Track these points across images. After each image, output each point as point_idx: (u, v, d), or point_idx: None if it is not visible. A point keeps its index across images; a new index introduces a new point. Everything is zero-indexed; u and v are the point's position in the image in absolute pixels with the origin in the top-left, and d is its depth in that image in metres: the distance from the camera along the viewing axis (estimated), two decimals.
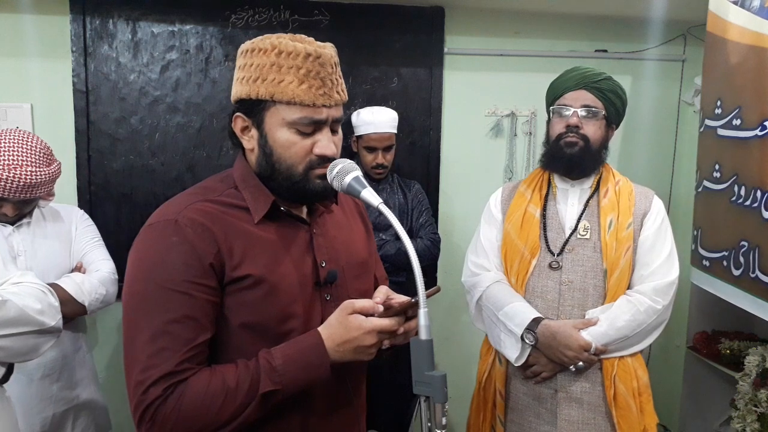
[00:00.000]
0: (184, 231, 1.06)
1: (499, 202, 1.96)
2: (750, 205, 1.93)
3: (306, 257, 1.16)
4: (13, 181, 1.70)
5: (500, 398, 1.85)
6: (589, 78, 1.80)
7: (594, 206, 1.83)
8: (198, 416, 1.01)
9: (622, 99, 1.83)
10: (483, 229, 1.96)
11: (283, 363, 1.04)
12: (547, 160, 1.87)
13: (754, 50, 1.94)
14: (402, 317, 1.09)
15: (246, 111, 1.12)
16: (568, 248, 1.80)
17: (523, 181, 1.97)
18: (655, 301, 1.74)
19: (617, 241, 1.76)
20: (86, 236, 1.99)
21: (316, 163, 1.11)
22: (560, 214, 1.85)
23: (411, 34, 2.83)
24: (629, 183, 1.88)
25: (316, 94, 1.08)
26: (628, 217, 1.79)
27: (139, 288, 1.06)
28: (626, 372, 1.75)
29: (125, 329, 1.06)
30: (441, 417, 0.97)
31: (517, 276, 1.84)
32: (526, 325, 1.75)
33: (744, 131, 1.97)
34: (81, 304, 1.85)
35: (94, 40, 2.60)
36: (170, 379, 1.00)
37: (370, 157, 2.49)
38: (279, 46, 1.07)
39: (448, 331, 3.09)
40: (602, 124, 1.81)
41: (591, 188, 1.86)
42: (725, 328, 2.62)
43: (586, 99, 1.79)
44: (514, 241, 1.86)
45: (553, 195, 1.89)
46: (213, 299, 1.06)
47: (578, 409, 1.76)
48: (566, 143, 1.79)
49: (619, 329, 1.71)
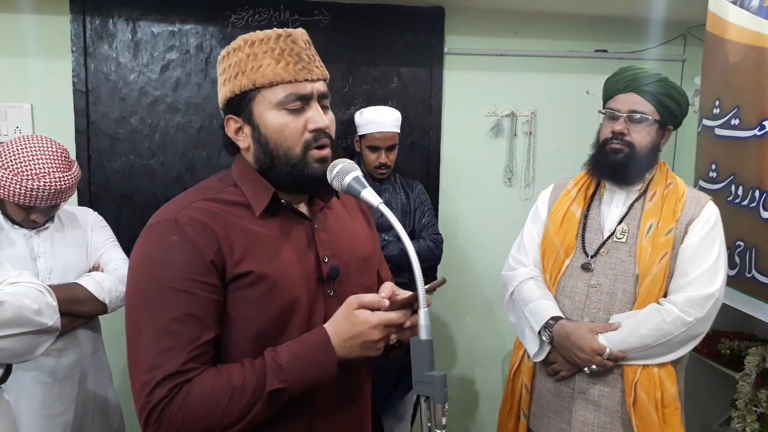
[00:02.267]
0: (185, 229, 1.06)
1: (547, 200, 1.94)
2: (748, 204, 1.93)
3: (308, 253, 1.16)
4: (45, 190, 1.70)
5: (525, 392, 1.86)
6: (639, 80, 1.73)
7: (638, 210, 1.77)
8: (205, 416, 1.00)
9: (678, 101, 1.75)
10: (527, 225, 1.96)
11: (290, 361, 1.04)
12: (593, 164, 1.83)
13: (753, 50, 1.94)
14: (408, 310, 1.08)
15: (235, 110, 1.13)
16: (603, 251, 1.77)
17: (573, 179, 1.92)
18: (687, 312, 1.64)
19: (653, 246, 1.69)
20: (102, 237, 1.99)
21: (312, 140, 1.11)
22: (602, 216, 1.82)
23: (411, 34, 2.83)
24: (682, 187, 1.78)
25: (296, 69, 1.09)
26: (670, 223, 1.70)
27: (141, 288, 1.06)
28: (650, 381, 1.67)
29: (128, 329, 1.06)
30: (441, 417, 0.97)
31: (551, 274, 1.83)
32: (544, 322, 1.75)
33: (742, 131, 1.97)
34: (102, 302, 1.84)
35: (94, 40, 2.60)
36: (175, 379, 1.00)
37: (373, 156, 2.49)
38: (250, 39, 1.10)
39: (449, 331, 3.09)
40: (652, 129, 1.74)
41: (639, 191, 1.80)
42: (725, 328, 2.61)
43: (635, 103, 1.72)
44: (552, 239, 1.84)
45: (599, 196, 1.85)
46: (215, 297, 1.06)
47: (594, 412, 1.72)
48: (611, 150, 1.75)
49: (640, 337, 1.65)
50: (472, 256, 3.04)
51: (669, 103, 1.74)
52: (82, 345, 1.89)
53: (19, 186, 1.68)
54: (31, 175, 1.68)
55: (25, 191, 1.68)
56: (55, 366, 1.81)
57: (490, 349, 3.13)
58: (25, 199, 1.70)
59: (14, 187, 1.68)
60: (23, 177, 1.68)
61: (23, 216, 1.78)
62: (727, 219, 2.00)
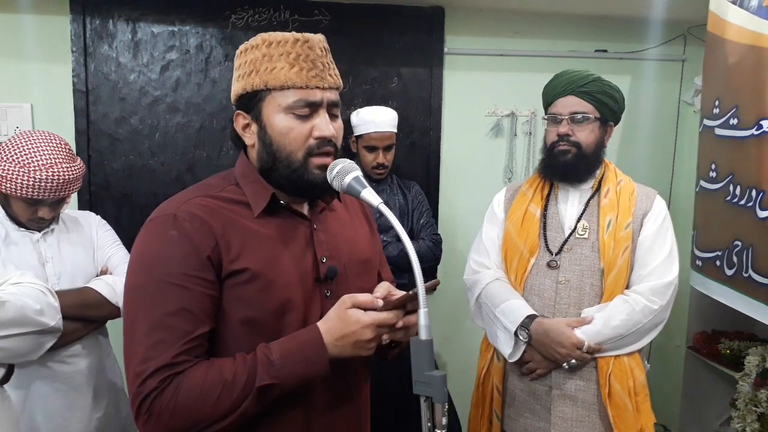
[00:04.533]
0: (183, 225, 1.07)
1: (502, 202, 1.99)
2: (745, 204, 1.93)
3: (306, 253, 1.17)
4: (53, 180, 1.68)
5: (497, 394, 1.88)
6: (575, 83, 1.81)
7: (594, 206, 1.84)
8: (194, 408, 1.01)
9: (614, 97, 1.83)
10: (485, 228, 1.99)
11: (281, 357, 1.04)
12: (544, 167, 1.90)
13: (752, 50, 1.94)
14: (401, 311, 1.09)
15: (245, 107, 1.14)
16: (567, 248, 1.82)
17: (527, 181, 1.98)
18: (652, 301, 1.74)
19: (615, 240, 1.77)
20: (107, 240, 1.98)
21: (315, 147, 1.11)
22: (560, 214, 1.87)
23: (411, 34, 2.83)
24: (631, 183, 1.88)
25: (308, 76, 1.10)
26: (628, 217, 1.79)
27: (138, 281, 1.07)
28: (622, 371, 1.75)
29: (125, 322, 1.07)
30: (441, 417, 0.97)
31: (516, 274, 1.87)
32: (520, 322, 1.77)
33: (740, 131, 1.98)
34: (115, 305, 1.81)
35: (94, 40, 2.60)
36: (167, 371, 1.01)
37: (371, 156, 2.49)
38: (268, 39, 1.11)
39: (449, 331, 3.09)
40: (595, 126, 1.82)
41: (592, 188, 1.88)
42: (725, 328, 2.61)
43: (574, 105, 1.81)
44: (514, 239, 1.88)
45: (554, 195, 1.91)
46: (211, 293, 1.07)
47: (572, 407, 1.77)
48: (559, 152, 1.83)
49: (614, 328, 1.72)
50: None
51: (606, 101, 1.82)
52: (96, 350, 1.87)
53: (27, 177, 1.65)
54: (39, 166, 1.66)
55: (34, 182, 1.66)
56: (70, 372, 1.79)
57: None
58: (33, 191, 1.67)
59: (22, 179, 1.65)
60: (30, 168, 1.66)
61: (30, 213, 1.75)
62: (725, 219, 2.01)
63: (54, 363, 1.73)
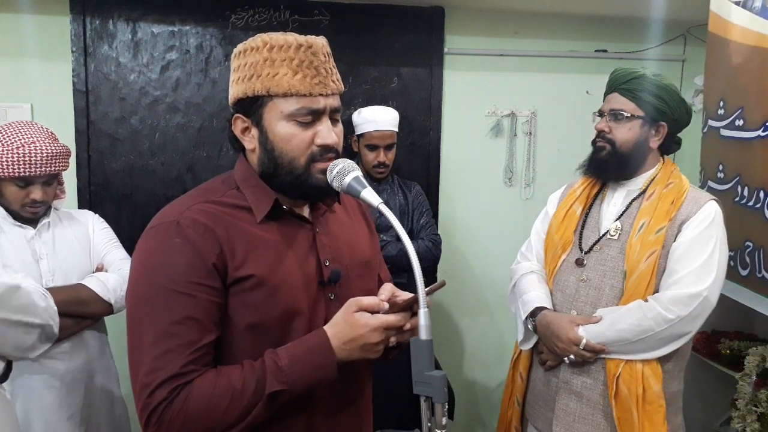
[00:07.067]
0: (187, 232, 1.06)
1: (557, 198, 2.03)
2: (753, 205, 1.92)
3: (309, 256, 1.16)
4: (38, 154, 1.72)
5: (520, 381, 1.94)
6: (618, 80, 1.80)
7: (635, 208, 1.81)
8: (204, 418, 1.00)
9: (661, 96, 1.75)
10: (537, 222, 2.05)
11: (290, 363, 1.04)
12: (586, 163, 1.92)
13: (756, 51, 1.94)
14: (408, 313, 1.09)
15: (244, 111, 1.12)
16: (597, 247, 1.82)
17: (581, 179, 1.98)
18: (669, 310, 1.65)
19: (642, 244, 1.72)
20: (104, 238, 1.98)
21: (317, 154, 1.10)
22: (601, 214, 1.88)
23: (411, 34, 2.83)
24: (683, 187, 1.78)
25: (312, 84, 1.08)
26: (662, 222, 1.72)
27: (142, 290, 1.06)
28: (632, 376, 1.69)
29: (129, 331, 1.06)
30: (441, 417, 0.97)
31: (549, 269, 1.92)
32: (530, 311, 1.84)
33: (747, 132, 1.97)
34: (107, 302, 1.82)
35: (94, 40, 2.60)
36: (175, 381, 1.00)
37: (372, 155, 2.49)
38: (270, 41, 1.08)
39: (449, 331, 3.09)
40: (635, 125, 1.77)
41: (640, 189, 1.83)
42: (725, 328, 2.61)
43: (615, 103, 1.79)
44: (553, 235, 1.93)
45: (602, 194, 1.91)
46: (217, 300, 1.06)
47: (576, 402, 1.77)
48: (596, 148, 1.85)
49: (619, 331, 1.68)
50: (471, 256, 3.04)
51: (650, 99, 1.77)
52: (89, 347, 1.87)
53: (12, 154, 1.70)
54: (22, 144, 1.71)
55: (18, 158, 1.70)
56: (63, 369, 1.79)
57: (489, 349, 3.12)
58: (20, 167, 1.71)
59: (7, 156, 1.70)
60: (14, 146, 1.70)
61: (22, 197, 1.76)
62: (735, 220, 1.99)
63: (46, 359, 1.72)
